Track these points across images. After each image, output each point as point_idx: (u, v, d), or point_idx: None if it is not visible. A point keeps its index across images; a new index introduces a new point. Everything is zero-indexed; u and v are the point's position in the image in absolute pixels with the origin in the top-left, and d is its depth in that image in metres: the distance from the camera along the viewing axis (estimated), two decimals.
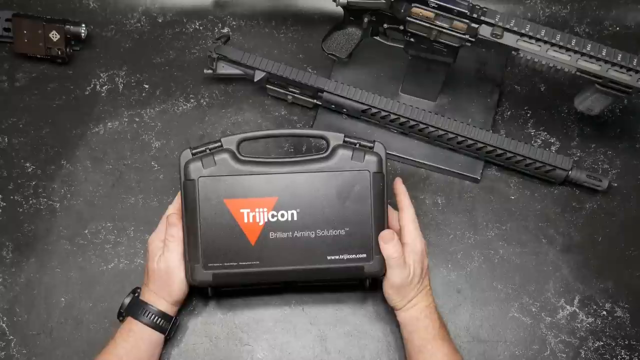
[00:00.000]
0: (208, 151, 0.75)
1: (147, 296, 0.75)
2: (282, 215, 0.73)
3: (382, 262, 0.74)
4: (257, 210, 0.73)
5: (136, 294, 0.77)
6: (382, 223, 0.74)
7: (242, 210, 0.73)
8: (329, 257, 0.74)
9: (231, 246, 0.73)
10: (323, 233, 0.73)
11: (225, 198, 0.73)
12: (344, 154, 0.74)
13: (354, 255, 0.74)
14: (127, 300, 0.77)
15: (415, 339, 0.74)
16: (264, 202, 0.73)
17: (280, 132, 0.82)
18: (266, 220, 0.73)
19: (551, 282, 0.84)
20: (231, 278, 0.74)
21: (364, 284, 0.79)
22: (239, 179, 0.73)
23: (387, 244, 0.73)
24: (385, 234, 0.74)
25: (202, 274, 0.73)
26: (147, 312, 0.74)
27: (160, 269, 0.75)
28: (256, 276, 0.74)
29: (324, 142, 0.76)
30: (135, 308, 0.75)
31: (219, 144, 0.75)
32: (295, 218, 0.73)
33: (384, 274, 0.74)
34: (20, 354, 0.79)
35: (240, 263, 0.73)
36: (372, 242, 0.74)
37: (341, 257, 0.74)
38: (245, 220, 0.73)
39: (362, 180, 0.74)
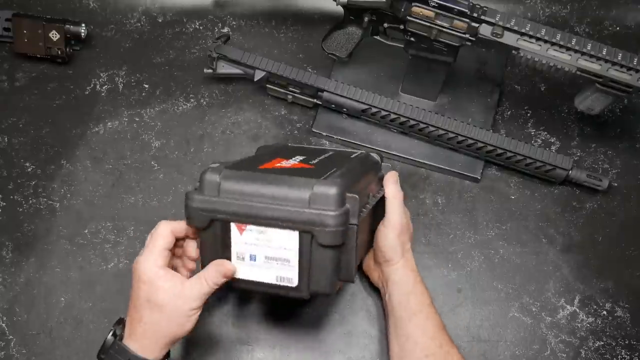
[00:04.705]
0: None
1: (133, 341, 0.63)
2: None
3: None
4: None
5: (117, 336, 0.64)
6: None
7: None
8: None
9: None
10: None
11: None
12: None
13: None
14: (109, 341, 0.64)
15: (412, 302, 0.72)
16: None
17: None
18: None
19: (551, 282, 0.84)
20: None
21: None
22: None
23: (395, 184, 0.73)
24: (392, 174, 0.74)
25: None
26: None
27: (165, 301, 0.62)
28: None
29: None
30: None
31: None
32: None
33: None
34: (20, 354, 0.79)
35: None
36: None
37: None
38: None
39: None
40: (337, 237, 0.60)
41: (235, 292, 0.82)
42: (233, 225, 0.63)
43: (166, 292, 0.63)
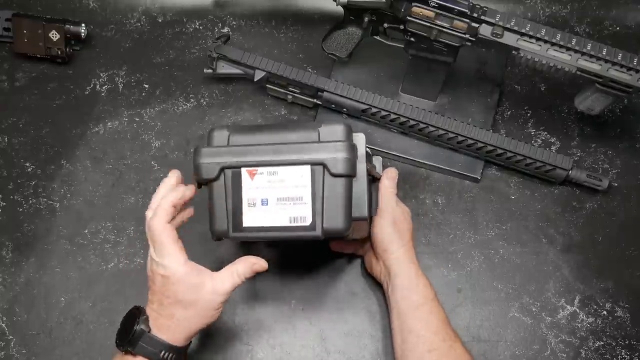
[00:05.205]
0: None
1: (162, 334, 0.64)
2: None
3: None
4: None
5: (145, 330, 0.63)
6: None
7: None
8: None
9: None
10: None
11: None
12: None
13: None
14: (139, 333, 0.63)
15: (415, 295, 0.73)
16: None
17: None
18: None
19: (551, 282, 0.84)
20: None
21: None
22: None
23: (390, 180, 0.77)
24: (392, 170, 0.78)
25: None
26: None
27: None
28: None
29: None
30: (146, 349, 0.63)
31: None
32: None
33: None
34: (19, 354, 0.79)
35: None
36: None
37: None
38: None
39: None
40: (348, 166, 0.63)
41: (235, 292, 0.82)
42: (244, 171, 0.64)
43: (197, 290, 0.63)
